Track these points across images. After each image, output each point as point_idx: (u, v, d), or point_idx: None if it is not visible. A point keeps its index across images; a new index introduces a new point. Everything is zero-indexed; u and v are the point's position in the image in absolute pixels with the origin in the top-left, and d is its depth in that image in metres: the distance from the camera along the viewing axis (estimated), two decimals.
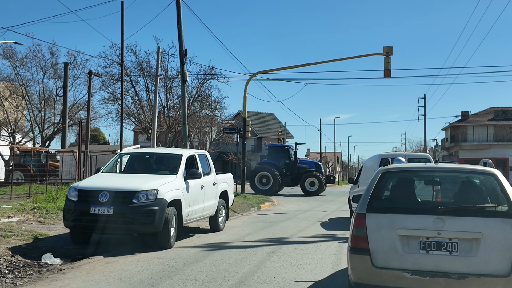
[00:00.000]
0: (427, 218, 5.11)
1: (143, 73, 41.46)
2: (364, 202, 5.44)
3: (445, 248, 5.02)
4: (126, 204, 9.40)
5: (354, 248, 5.30)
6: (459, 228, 5.04)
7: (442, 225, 5.05)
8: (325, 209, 21.49)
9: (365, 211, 5.33)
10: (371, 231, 5.21)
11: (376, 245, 5.17)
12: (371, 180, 5.79)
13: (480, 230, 4.99)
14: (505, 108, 68.12)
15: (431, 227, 5.06)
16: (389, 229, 5.17)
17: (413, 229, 5.12)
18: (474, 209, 5.17)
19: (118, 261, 8.52)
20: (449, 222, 5.05)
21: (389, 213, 5.28)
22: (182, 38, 21.54)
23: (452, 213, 5.12)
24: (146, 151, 12.30)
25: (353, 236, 5.34)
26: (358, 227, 5.29)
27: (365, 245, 5.20)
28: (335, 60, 22.11)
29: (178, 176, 10.63)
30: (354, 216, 5.45)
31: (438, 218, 5.09)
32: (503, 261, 4.90)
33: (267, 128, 77.43)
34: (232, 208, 18.46)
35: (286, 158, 34.14)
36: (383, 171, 5.83)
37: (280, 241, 11.08)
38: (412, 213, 5.23)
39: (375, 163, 15.35)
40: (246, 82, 23.05)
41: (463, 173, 5.97)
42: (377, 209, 5.33)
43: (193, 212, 11.16)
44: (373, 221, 5.25)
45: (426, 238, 5.07)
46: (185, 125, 21.87)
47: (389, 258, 5.12)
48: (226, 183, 13.52)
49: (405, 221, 5.16)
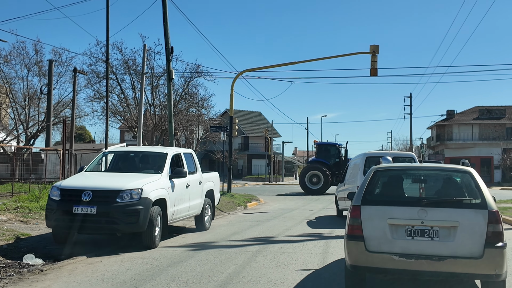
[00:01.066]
0: (412, 209, 5.92)
1: (129, 71, 41.15)
2: (359, 196, 6.24)
3: (428, 234, 5.81)
4: (109, 203, 9.25)
5: (350, 235, 6.08)
6: (440, 217, 5.82)
7: (425, 215, 5.84)
8: (311, 207, 21.48)
9: (359, 203, 6.13)
10: (365, 221, 6.01)
11: (369, 233, 5.95)
12: (365, 177, 6.56)
13: (457, 219, 5.78)
14: (489, 107, 68.79)
15: (415, 217, 5.86)
16: (380, 219, 5.95)
17: (400, 219, 5.91)
18: (452, 201, 5.99)
19: (101, 262, 8.38)
20: (431, 213, 5.85)
21: (380, 205, 6.08)
22: (168, 36, 21.36)
23: (433, 205, 5.93)
24: (130, 149, 12.15)
25: (350, 225, 6.11)
26: (353, 218, 6.08)
27: (359, 232, 5.99)
28: (322, 59, 22.09)
29: (163, 175, 10.51)
30: (350, 208, 6.23)
31: (422, 209, 5.88)
32: (476, 245, 5.67)
33: (254, 126, 77.31)
34: (218, 207, 18.35)
35: (336, 156, 33.59)
36: (375, 169, 6.63)
37: (266, 241, 11.00)
38: (400, 205, 6.05)
39: (360, 162, 15.39)
40: (233, 80, 22.94)
41: (443, 172, 6.89)
42: (370, 202, 6.13)
43: (179, 212, 11.04)
44: (366, 212, 6.04)
45: (411, 226, 5.85)
46: (171, 123, 21.71)
47: (380, 243, 5.89)
48: (212, 182, 13.41)
49: (394, 212, 5.96)
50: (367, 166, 15.25)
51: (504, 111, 67.45)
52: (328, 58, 21.90)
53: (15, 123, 39.19)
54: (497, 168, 61.85)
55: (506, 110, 67.57)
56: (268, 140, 65.08)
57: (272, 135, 66.31)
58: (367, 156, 15.58)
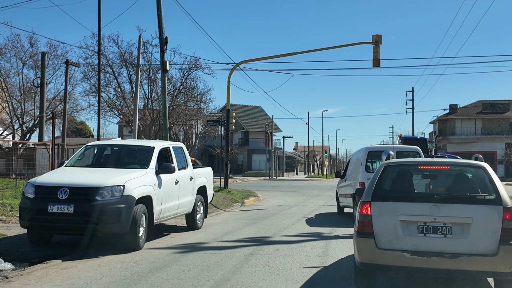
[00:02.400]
0: (424, 205, 5.73)
1: (126, 64, 40.40)
2: (369, 192, 6.02)
3: (440, 231, 5.63)
4: (88, 201, 8.44)
5: (360, 232, 5.90)
6: (453, 214, 5.64)
7: (438, 211, 5.66)
8: (311, 204, 20.67)
9: (370, 199, 5.93)
10: (375, 217, 5.83)
11: (380, 229, 5.78)
12: (375, 173, 6.35)
13: (471, 216, 5.59)
14: (493, 101, 67.83)
15: (428, 213, 5.68)
16: (391, 215, 5.78)
17: (412, 215, 5.73)
18: (466, 197, 5.77)
19: (76, 266, 7.57)
20: (443, 209, 5.67)
21: (391, 201, 5.90)
22: (162, 25, 20.52)
23: (446, 201, 5.74)
24: (114, 143, 11.30)
25: (359, 222, 5.93)
26: (363, 214, 5.90)
27: (369, 229, 5.81)
28: (322, 49, 21.19)
29: (149, 170, 9.68)
30: (360, 204, 6.01)
31: (434, 205, 5.70)
32: (490, 242, 5.48)
33: (254, 121, 76.43)
34: (213, 204, 17.57)
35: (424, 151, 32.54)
36: (386, 164, 6.38)
37: (261, 241, 10.19)
38: (412, 201, 5.85)
39: (362, 156, 14.59)
40: (230, 72, 22.08)
41: (456, 166, 6.48)
42: (380, 198, 5.94)
43: (167, 210, 10.22)
44: (377, 208, 5.86)
45: (423, 223, 5.68)
46: (165, 116, 20.89)
47: (391, 240, 5.71)
48: (205, 178, 12.58)
49: (405, 208, 5.77)
50: (370, 161, 14.50)
51: (507, 105, 66.49)
52: (329, 48, 21.02)
53: (10, 117, 38.50)
54: (501, 163, 61.03)
55: (509, 104, 66.62)
56: (268, 135, 64.21)
57: (273, 130, 65.44)
58: (369, 150, 14.75)
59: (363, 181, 13.55)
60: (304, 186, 38.68)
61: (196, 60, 41.72)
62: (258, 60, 21.72)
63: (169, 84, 43.51)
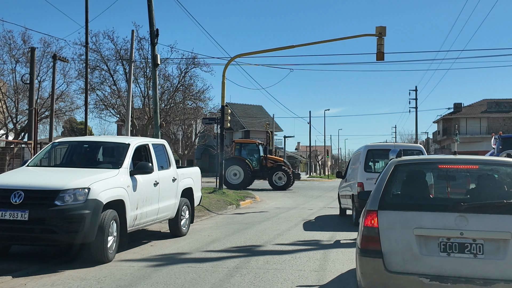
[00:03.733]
0: (447, 215, 4.57)
1: (121, 61, 39.33)
2: (376, 198, 4.83)
3: (469, 250, 4.50)
4: (45, 207, 7.22)
5: (364, 250, 4.73)
6: (485, 227, 4.50)
7: (465, 223, 4.51)
8: (311, 206, 19.42)
9: (376, 208, 4.76)
10: (384, 231, 4.66)
11: (390, 247, 4.62)
12: (382, 173, 5.13)
13: (509, 230, 4.45)
14: (498, 100, 66.55)
15: (452, 226, 4.54)
16: (404, 228, 4.63)
17: (431, 229, 4.59)
18: (503, 205, 4.60)
19: (26, 285, 6.37)
20: (473, 221, 4.51)
21: (404, 210, 4.73)
22: (153, 17, 19.33)
23: (476, 210, 4.57)
24: (85, 139, 10.07)
25: (363, 237, 4.75)
26: (368, 226, 4.73)
27: (377, 246, 4.64)
28: (323, 42, 19.97)
29: (122, 170, 8.46)
30: (364, 213, 4.86)
31: (461, 215, 4.54)
32: None
33: (255, 120, 75.18)
34: (205, 207, 16.36)
35: None
36: (397, 163, 5.16)
37: (251, 251, 8.96)
38: (431, 210, 4.67)
39: (361, 155, 13.50)
40: (225, 66, 20.83)
41: (487, 165, 5.33)
42: (390, 206, 4.77)
43: (144, 215, 9.01)
44: (385, 219, 4.70)
45: (446, 238, 4.54)
46: (156, 113, 19.75)
47: (404, 261, 4.58)
48: (191, 179, 11.35)
49: (423, 219, 4.62)
50: (369, 160, 13.50)
51: None
52: (330, 41, 19.78)
53: (4, 116, 37.56)
54: None
55: None
56: (269, 135, 63.03)
57: (274, 129, 64.19)
58: (369, 148, 13.63)
59: (362, 181, 12.68)
60: (305, 186, 37.43)
61: (193, 58, 40.60)
62: (255, 54, 20.53)
63: (167, 82, 42.44)
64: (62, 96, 43.85)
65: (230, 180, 33.23)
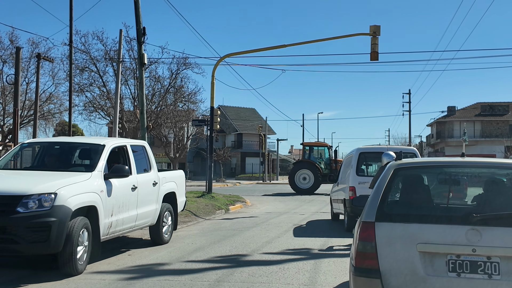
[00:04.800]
0: (457, 229, 3.95)
1: (111, 62, 38.67)
2: (372, 207, 4.17)
3: (483, 269, 3.88)
4: (6, 214, 6.52)
5: (359, 268, 4.08)
6: (502, 242, 3.86)
7: (478, 238, 3.89)
8: (303, 211, 18.77)
9: (373, 219, 4.12)
10: (382, 246, 4.04)
11: (389, 265, 4.01)
12: (380, 179, 4.42)
13: None
14: (492, 103, 66.30)
15: (463, 241, 3.92)
16: (406, 243, 4.01)
17: (438, 244, 3.96)
18: None
19: None
20: (487, 235, 3.88)
21: (405, 222, 4.08)
22: (140, 15, 18.71)
23: (492, 223, 3.92)
24: (56, 140, 9.37)
25: (358, 253, 4.11)
26: (364, 241, 4.09)
27: (374, 264, 4.01)
28: (315, 41, 19.36)
29: (95, 174, 7.77)
30: (359, 226, 4.21)
31: (473, 229, 3.91)
32: None
33: (248, 123, 74.53)
34: (193, 212, 15.69)
35: None
36: (396, 167, 4.46)
37: (236, 261, 8.28)
38: (437, 222, 4.03)
39: (353, 158, 12.97)
40: (214, 66, 20.18)
41: (502, 169, 4.52)
42: (389, 217, 4.14)
43: (120, 223, 8.32)
44: (384, 233, 4.07)
45: (456, 256, 3.93)
46: (143, 114, 19.03)
47: (406, 283, 3.96)
48: (174, 183, 10.67)
49: (428, 233, 4.01)
50: (362, 163, 13.01)
51: (507, 107, 64.94)
52: (323, 40, 19.16)
53: None
54: None
55: (509, 106, 65.08)
56: (262, 138, 62.35)
57: (266, 132, 63.57)
58: (361, 151, 13.13)
59: (354, 185, 12.22)
60: None
61: (185, 59, 39.99)
62: (246, 53, 19.88)
63: (157, 83, 41.77)
64: (51, 97, 43.13)
65: (300, 184, 31.36)
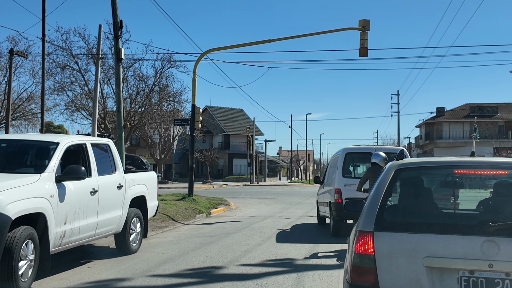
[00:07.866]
0: (470, 240, 3.36)
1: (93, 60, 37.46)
2: (371, 214, 3.59)
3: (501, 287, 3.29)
4: None
5: (355, 285, 3.56)
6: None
7: (496, 252, 3.30)
8: (289, 214, 17.81)
9: (372, 228, 3.56)
10: (382, 260, 3.47)
11: (390, 282, 3.45)
12: (379, 182, 3.81)
13: None
14: (481, 104, 66.05)
15: (477, 254, 3.34)
16: (410, 256, 3.43)
17: (448, 258, 3.37)
18: None
19: None
20: (506, 248, 3.31)
21: (409, 232, 3.51)
22: (117, 7, 17.64)
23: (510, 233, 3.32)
24: (3, 137, 8.29)
25: (354, 267, 3.57)
26: (361, 253, 3.54)
27: (372, 280, 3.47)
28: (302, 36, 18.45)
29: (45, 176, 6.73)
30: (355, 236, 3.63)
31: (489, 240, 3.33)
32: None
33: (236, 124, 73.56)
34: (171, 216, 14.67)
35: None
36: (397, 167, 3.84)
37: (208, 275, 7.29)
38: (446, 232, 3.44)
39: (339, 159, 12.19)
40: (196, 61, 19.14)
41: None
42: (390, 226, 3.56)
43: (76, 232, 7.28)
44: (385, 244, 3.50)
45: (469, 272, 3.35)
46: (119, 113, 17.92)
47: None
48: (144, 186, 9.64)
49: (436, 245, 3.41)
50: (349, 164, 12.28)
51: (496, 108, 64.68)
52: (309, 35, 18.26)
53: None
54: None
55: (498, 107, 64.84)
56: (250, 139, 61.36)
57: (254, 133, 62.65)
58: (347, 152, 12.36)
59: (339, 188, 11.60)
60: (285, 192, 35.84)
61: (170, 56, 38.94)
62: (229, 48, 18.85)
63: (141, 82, 40.63)
64: (33, 97, 41.82)
65: None
